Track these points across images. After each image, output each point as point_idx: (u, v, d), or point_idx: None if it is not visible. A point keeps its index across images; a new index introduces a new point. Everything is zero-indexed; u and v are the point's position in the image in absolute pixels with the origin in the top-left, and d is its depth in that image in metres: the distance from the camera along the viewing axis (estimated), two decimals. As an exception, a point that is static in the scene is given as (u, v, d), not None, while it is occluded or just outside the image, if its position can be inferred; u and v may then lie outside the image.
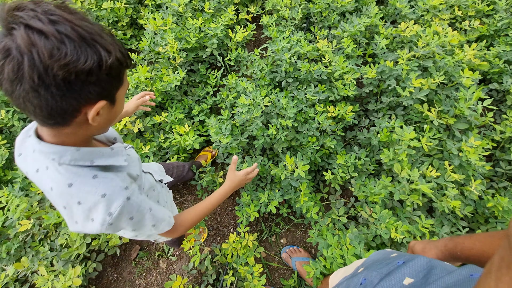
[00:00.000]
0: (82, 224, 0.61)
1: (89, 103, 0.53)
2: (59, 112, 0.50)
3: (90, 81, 0.49)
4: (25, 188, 1.59)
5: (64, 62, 0.45)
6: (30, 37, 0.43)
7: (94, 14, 2.22)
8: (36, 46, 0.43)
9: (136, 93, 1.77)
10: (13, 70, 0.44)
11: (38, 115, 0.50)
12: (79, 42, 0.46)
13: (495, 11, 2.17)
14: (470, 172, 1.47)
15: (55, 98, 0.48)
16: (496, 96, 1.91)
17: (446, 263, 0.63)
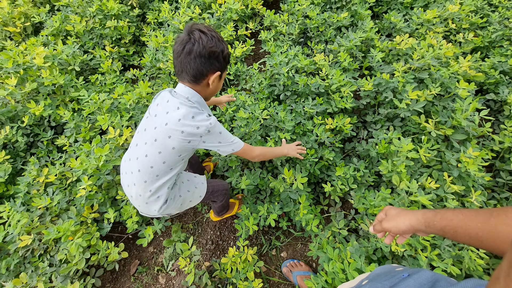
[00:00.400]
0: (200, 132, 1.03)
1: (211, 72, 1.03)
2: (199, 73, 1.01)
3: (218, 59, 1.01)
4: (27, 203, 1.60)
5: (211, 47, 0.97)
6: (200, 35, 0.96)
7: (98, 33, 2.30)
8: (202, 39, 0.96)
9: (137, 108, 1.81)
10: (189, 47, 0.96)
11: (188, 73, 1.01)
12: (218, 40, 1.00)
13: (488, 23, 2.22)
14: (470, 183, 1.47)
15: (201, 64, 0.99)
16: (493, 106, 1.92)
17: (450, 278, 0.63)
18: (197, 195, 1.31)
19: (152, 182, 1.08)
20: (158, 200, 1.13)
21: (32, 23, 2.44)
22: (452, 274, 1.26)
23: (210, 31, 0.99)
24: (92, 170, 1.51)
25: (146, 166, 1.06)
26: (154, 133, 1.03)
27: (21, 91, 1.83)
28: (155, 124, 1.03)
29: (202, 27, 0.98)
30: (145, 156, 1.05)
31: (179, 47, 0.97)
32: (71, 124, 1.80)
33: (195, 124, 1.01)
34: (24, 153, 1.89)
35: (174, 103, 1.02)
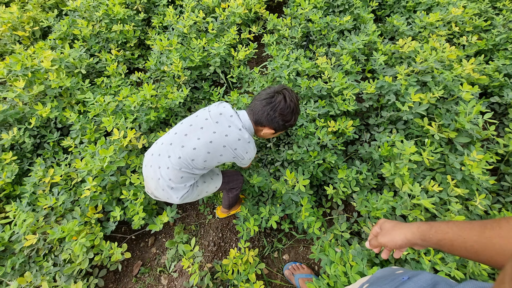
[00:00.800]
0: (245, 155, 1.22)
1: (269, 127, 1.20)
2: (260, 120, 1.18)
3: (279, 123, 1.18)
4: (33, 203, 1.63)
5: (281, 113, 1.16)
6: (282, 100, 1.15)
7: (104, 36, 2.34)
8: (280, 103, 1.15)
9: (142, 110, 1.83)
10: (269, 100, 1.15)
11: (256, 114, 1.18)
12: (291, 111, 1.17)
13: (493, 26, 2.21)
14: (474, 186, 1.45)
15: (266, 117, 1.16)
16: (498, 109, 1.91)
17: (450, 280, 0.62)
18: (213, 186, 1.40)
19: (185, 173, 1.18)
20: (183, 189, 1.22)
21: (40, 27, 2.50)
22: (456, 278, 1.25)
23: (292, 101, 1.16)
24: (96, 171, 1.53)
25: (188, 156, 1.15)
26: (212, 136, 1.15)
27: (29, 93, 1.88)
28: (215, 129, 1.15)
29: (288, 95, 1.16)
30: (193, 148, 1.14)
31: (264, 95, 1.17)
32: (77, 126, 1.83)
33: (247, 149, 1.19)
34: (31, 154, 1.93)
35: (237, 123, 1.17)
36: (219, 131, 1.15)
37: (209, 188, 1.38)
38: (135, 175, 1.65)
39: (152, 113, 1.81)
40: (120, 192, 1.66)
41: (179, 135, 1.19)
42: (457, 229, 0.57)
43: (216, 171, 1.45)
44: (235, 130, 1.16)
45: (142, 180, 1.62)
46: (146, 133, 1.89)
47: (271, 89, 1.18)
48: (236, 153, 1.19)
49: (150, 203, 1.69)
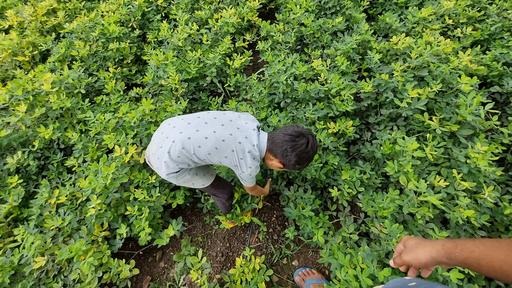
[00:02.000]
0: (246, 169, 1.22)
1: (279, 160, 1.21)
2: (278, 152, 1.19)
3: (290, 161, 1.19)
4: (40, 224, 1.64)
5: (296, 155, 1.16)
6: (303, 145, 1.16)
7: (102, 55, 2.39)
8: (301, 146, 1.16)
9: (142, 125, 1.85)
10: (291, 138, 1.17)
11: (277, 146, 1.18)
12: (305, 159, 1.19)
13: (487, 16, 2.20)
14: (481, 178, 1.43)
15: (281, 151, 1.18)
16: (499, 98, 1.88)
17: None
18: (201, 183, 1.40)
19: (184, 155, 1.18)
20: (173, 168, 1.21)
21: (39, 51, 2.56)
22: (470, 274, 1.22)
23: (312, 148, 1.19)
24: (100, 189, 1.54)
25: (197, 142, 1.16)
26: (227, 136, 1.17)
27: (31, 116, 1.91)
28: (232, 132, 1.19)
29: (312, 142, 1.19)
30: (205, 137, 1.16)
31: (290, 131, 1.19)
32: (79, 145, 1.85)
33: (250, 164, 1.21)
34: (36, 176, 1.95)
35: (253, 139, 1.20)
36: (235, 135, 1.18)
37: (196, 182, 1.38)
38: (139, 190, 1.65)
39: (152, 127, 1.82)
40: (124, 208, 1.67)
41: (200, 120, 1.22)
42: (484, 247, 0.55)
43: (212, 172, 1.46)
44: (249, 143, 1.19)
45: (146, 194, 1.62)
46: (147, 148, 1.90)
47: (298, 129, 1.20)
48: (240, 163, 1.21)
49: (156, 217, 1.69)
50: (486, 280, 1.34)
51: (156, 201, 1.66)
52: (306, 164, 1.22)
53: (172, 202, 1.74)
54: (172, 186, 1.85)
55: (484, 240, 0.56)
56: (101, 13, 2.65)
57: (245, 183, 1.35)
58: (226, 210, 1.71)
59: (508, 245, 0.52)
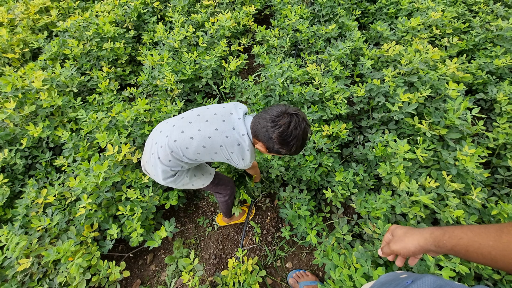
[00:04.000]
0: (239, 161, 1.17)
1: (262, 143, 1.10)
2: (259, 134, 1.07)
3: (274, 144, 1.06)
4: (25, 225, 1.57)
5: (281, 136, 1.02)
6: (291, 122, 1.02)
7: (95, 55, 2.36)
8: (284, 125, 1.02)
9: (135, 125, 1.83)
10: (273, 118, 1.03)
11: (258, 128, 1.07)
12: (291, 141, 1.04)
13: (471, 28, 2.32)
14: (469, 180, 1.48)
15: (266, 133, 1.05)
16: (484, 105, 1.97)
17: (454, 282, 0.61)
18: (200, 183, 1.37)
19: (174, 158, 1.15)
20: (168, 172, 1.19)
21: (30, 49, 2.50)
22: (461, 273, 1.25)
23: (296, 129, 1.03)
24: (91, 188, 1.50)
25: (183, 143, 1.12)
26: (212, 132, 1.11)
27: (20, 114, 1.85)
28: (217, 127, 1.11)
29: (296, 122, 1.03)
30: (190, 137, 1.12)
31: (274, 111, 1.05)
32: (70, 144, 1.81)
33: (243, 155, 1.14)
34: (23, 175, 1.88)
35: (241, 128, 1.11)
36: (221, 129, 1.11)
37: (196, 183, 1.35)
38: (131, 190, 1.62)
39: (146, 127, 1.80)
40: (116, 208, 1.63)
41: (184, 121, 1.18)
42: (472, 234, 0.54)
43: (210, 171, 1.43)
44: (238, 134, 1.11)
45: (139, 194, 1.59)
46: (140, 147, 1.87)
47: (282, 108, 1.06)
48: (232, 156, 1.15)
49: (148, 218, 1.65)
50: (475, 280, 1.37)
51: (149, 201, 1.63)
52: (293, 148, 1.07)
53: (165, 203, 1.71)
54: (165, 186, 1.82)
55: (472, 227, 0.56)
56: (96, 13, 2.64)
57: (241, 168, 1.30)
58: (227, 208, 1.67)
59: (496, 231, 0.52)
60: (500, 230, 0.51)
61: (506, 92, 1.78)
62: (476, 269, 1.30)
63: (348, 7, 2.60)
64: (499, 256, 0.50)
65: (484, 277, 1.33)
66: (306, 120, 1.07)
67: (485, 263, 0.52)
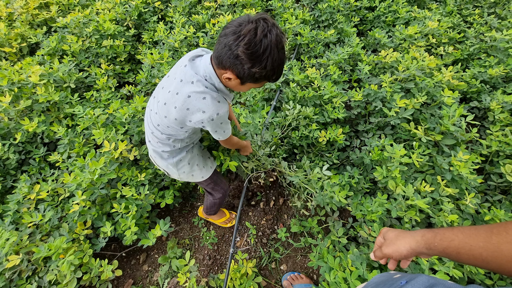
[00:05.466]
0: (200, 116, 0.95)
1: (230, 70, 0.87)
2: (223, 58, 0.84)
3: (243, 65, 0.83)
4: (16, 221, 1.54)
5: (248, 48, 0.79)
6: (257, 27, 0.78)
7: (94, 51, 2.35)
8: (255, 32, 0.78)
9: (133, 122, 1.82)
10: (243, 29, 0.79)
11: (219, 50, 0.85)
12: (263, 53, 0.80)
13: (466, 38, 2.37)
14: (463, 185, 1.50)
15: (229, 52, 0.82)
16: (478, 113, 2.01)
17: (447, 281, 0.62)
18: (200, 175, 1.32)
19: (162, 132, 1.09)
20: (167, 153, 1.17)
21: (28, 44, 2.48)
22: (454, 277, 1.26)
23: (266, 36, 0.79)
24: (86, 184, 1.48)
25: (155, 121, 1.08)
26: (166, 96, 0.99)
27: (15, 108, 1.83)
28: (169, 88, 0.97)
29: (264, 26, 0.79)
30: (155, 113, 1.06)
31: (230, 23, 0.84)
32: (65, 140, 1.78)
33: (201, 107, 0.92)
34: (15, 171, 1.84)
35: (189, 75, 0.92)
36: (173, 90, 0.95)
37: (196, 174, 1.30)
38: (127, 187, 1.60)
39: (143, 125, 1.79)
40: (110, 206, 1.60)
41: (158, 88, 1.08)
42: (463, 236, 0.54)
43: (211, 164, 1.37)
44: (187, 85, 0.92)
45: (134, 192, 1.57)
46: (137, 145, 1.85)
47: (245, 17, 0.82)
48: (190, 114, 0.94)
49: (143, 216, 1.63)
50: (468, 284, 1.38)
51: (144, 200, 1.61)
52: (269, 64, 0.82)
53: (160, 202, 1.69)
54: (161, 185, 1.81)
55: (463, 228, 0.56)
56: (96, 10, 2.63)
57: (223, 138, 1.11)
58: (211, 207, 1.65)
59: (486, 232, 0.52)
60: (490, 231, 0.51)
61: (499, 101, 1.82)
62: (469, 274, 1.32)
63: (347, 13, 2.65)
64: (490, 258, 0.50)
65: (476, 282, 1.34)
66: (277, 25, 0.83)
67: (477, 264, 0.52)
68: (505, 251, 0.48)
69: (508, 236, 0.49)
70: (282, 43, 0.83)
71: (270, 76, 0.88)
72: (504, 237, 0.49)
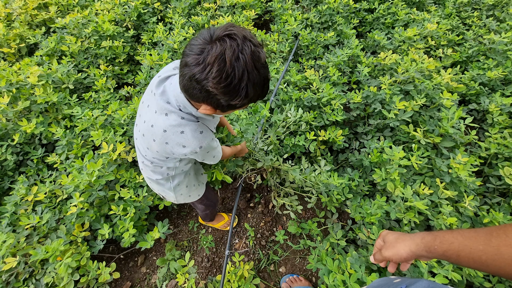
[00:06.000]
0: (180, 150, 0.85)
1: (205, 103, 0.73)
2: (193, 92, 0.69)
3: (219, 100, 0.69)
4: (13, 223, 1.53)
5: (220, 82, 0.63)
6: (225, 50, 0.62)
7: (93, 52, 2.34)
8: (224, 60, 0.62)
9: (132, 123, 1.81)
10: (206, 57, 0.63)
11: (186, 82, 0.69)
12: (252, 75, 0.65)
13: (464, 40, 2.38)
14: (462, 188, 1.50)
15: (198, 86, 0.66)
16: (476, 115, 2.01)
17: (448, 286, 0.62)
18: (197, 193, 1.30)
19: (150, 167, 1.04)
20: (162, 179, 1.09)
21: (27, 45, 2.47)
22: (453, 280, 1.25)
23: (238, 60, 0.63)
24: (84, 186, 1.47)
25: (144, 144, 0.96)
26: (143, 125, 0.88)
27: (13, 109, 1.82)
28: (145, 117, 0.87)
29: (233, 46, 0.62)
30: (142, 134, 0.92)
31: (196, 46, 0.65)
32: (63, 141, 1.78)
33: (181, 142, 0.82)
34: (13, 172, 1.84)
35: (161, 106, 0.80)
36: (148, 120, 0.85)
37: (193, 194, 1.27)
38: (125, 189, 1.59)
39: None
40: (108, 208, 1.60)
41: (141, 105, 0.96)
42: (462, 238, 0.54)
43: (202, 180, 1.32)
44: (161, 117, 0.81)
45: (133, 193, 1.57)
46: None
47: (206, 34, 0.65)
48: (170, 149, 0.85)
49: (141, 218, 1.62)
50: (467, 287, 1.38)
51: (142, 201, 1.60)
52: (250, 91, 0.67)
53: (158, 204, 1.69)
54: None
55: (462, 231, 0.56)
56: (96, 11, 2.63)
57: (216, 162, 1.02)
58: (205, 216, 1.66)
59: (486, 235, 0.51)
60: (489, 233, 0.51)
61: (498, 103, 1.82)
62: (468, 277, 1.31)
63: (347, 15, 2.65)
64: (490, 261, 0.50)
65: (475, 285, 1.34)
66: (249, 37, 0.65)
67: (477, 267, 0.52)
68: (504, 254, 0.48)
69: (508, 239, 0.49)
70: (260, 59, 0.66)
71: (256, 99, 0.73)
72: (503, 240, 0.49)
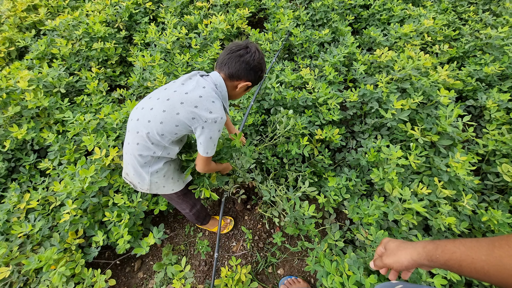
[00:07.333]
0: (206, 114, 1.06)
1: (245, 79, 1.16)
2: (237, 74, 1.14)
3: (256, 73, 1.16)
4: (6, 232, 1.50)
5: (259, 63, 1.15)
6: (256, 51, 1.14)
7: (85, 55, 2.30)
8: (255, 54, 1.14)
9: (124, 127, 1.78)
10: (243, 52, 1.12)
11: (230, 68, 1.13)
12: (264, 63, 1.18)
13: (461, 35, 2.35)
14: (461, 187, 1.48)
15: (243, 70, 1.12)
16: (474, 112, 1.99)
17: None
18: (170, 188, 1.30)
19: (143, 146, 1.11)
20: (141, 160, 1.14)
21: (16, 48, 2.42)
22: (452, 280, 1.24)
23: (260, 52, 1.17)
24: (76, 193, 1.45)
25: (146, 118, 1.08)
26: (171, 94, 1.07)
27: (3, 115, 1.78)
28: (176, 88, 1.09)
29: (258, 47, 1.17)
30: (150, 109, 1.08)
31: (235, 48, 1.13)
32: (55, 147, 1.74)
33: (210, 108, 1.05)
34: (5, 179, 1.80)
35: (201, 83, 1.10)
36: (180, 90, 1.08)
37: (167, 186, 1.28)
38: (119, 195, 1.57)
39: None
40: (102, 214, 1.57)
41: (144, 100, 1.15)
42: (465, 248, 0.54)
43: (181, 177, 1.35)
44: (199, 88, 1.08)
45: (127, 199, 1.54)
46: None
47: (239, 43, 1.15)
48: (197, 112, 1.04)
49: (136, 224, 1.60)
50: (466, 286, 1.37)
51: (137, 207, 1.58)
52: (265, 69, 1.21)
53: (154, 208, 1.66)
54: (154, 191, 1.77)
55: (464, 241, 0.55)
56: (86, 12, 2.58)
57: (206, 156, 1.15)
58: (195, 219, 1.63)
59: (488, 245, 0.51)
60: (492, 244, 0.51)
61: (495, 99, 1.80)
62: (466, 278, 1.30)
63: (342, 12, 2.62)
64: (492, 271, 0.49)
65: (474, 283, 1.33)
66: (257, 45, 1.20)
67: (480, 278, 0.51)
68: (507, 264, 0.47)
69: (510, 249, 0.48)
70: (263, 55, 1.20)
71: (263, 76, 1.22)
72: (506, 251, 0.48)
